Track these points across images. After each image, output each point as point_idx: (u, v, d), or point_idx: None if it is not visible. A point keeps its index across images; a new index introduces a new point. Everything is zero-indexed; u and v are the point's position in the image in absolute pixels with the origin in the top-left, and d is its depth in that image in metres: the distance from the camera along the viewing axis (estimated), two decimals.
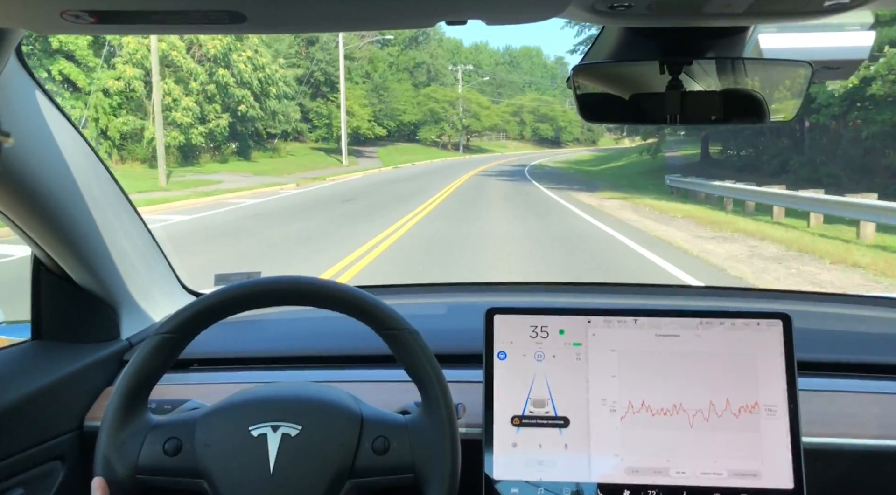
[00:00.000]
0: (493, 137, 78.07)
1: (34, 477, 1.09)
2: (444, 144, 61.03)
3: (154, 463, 0.90)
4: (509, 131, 74.74)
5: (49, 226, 1.13)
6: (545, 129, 77.93)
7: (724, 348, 1.06)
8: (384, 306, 0.92)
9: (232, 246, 9.65)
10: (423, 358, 0.91)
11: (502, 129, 71.88)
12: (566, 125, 78.22)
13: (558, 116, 77.50)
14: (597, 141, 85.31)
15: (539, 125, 77.33)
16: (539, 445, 1.04)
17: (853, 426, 1.10)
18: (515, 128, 74.88)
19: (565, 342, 1.07)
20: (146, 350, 0.92)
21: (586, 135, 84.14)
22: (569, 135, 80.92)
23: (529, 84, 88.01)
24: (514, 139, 77.89)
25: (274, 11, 0.67)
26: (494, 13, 0.70)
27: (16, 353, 1.20)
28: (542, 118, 77.57)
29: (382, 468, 0.89)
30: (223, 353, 1.34)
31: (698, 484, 1.01)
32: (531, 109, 75.36)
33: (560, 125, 78.26)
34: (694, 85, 0.96)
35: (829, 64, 0.97)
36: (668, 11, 0.74)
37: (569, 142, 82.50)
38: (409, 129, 57.49)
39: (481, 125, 64.75)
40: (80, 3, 0.63)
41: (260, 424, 0.90)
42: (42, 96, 1.07)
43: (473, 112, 62.14)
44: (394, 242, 9.61)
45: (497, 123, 67.14)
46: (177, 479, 0.90)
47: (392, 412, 1.01)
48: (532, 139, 78.70)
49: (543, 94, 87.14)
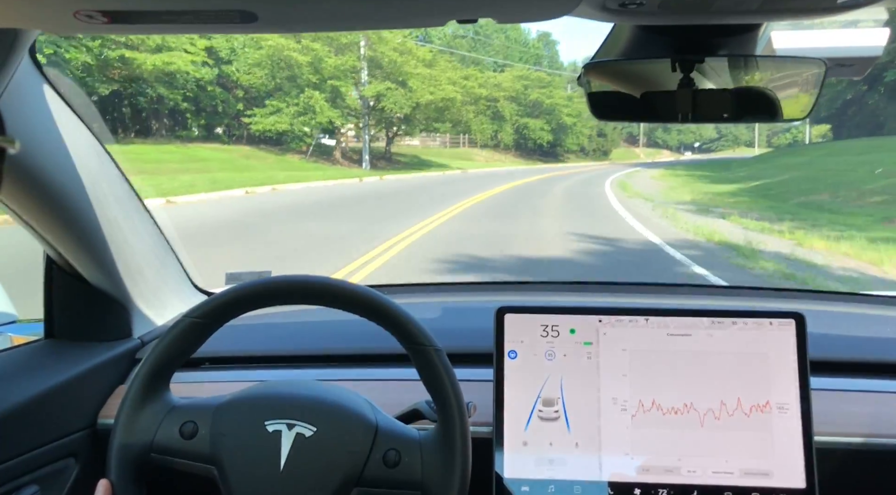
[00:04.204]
0: (449, 140, 46.23)
1: (48, 475, 1.10)
2: (333, 151, 30.73)
3: (169, 443, 0.91)
4: (476, 130, 40.15)
5: (61, 225, 1.14)
6: (537, 130, 46.74)
7: (735, 347, 1.05)
8: (414, 320, 0.93)
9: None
10: (445, 377, 0.91)
11: (463, 124, 36.15)
12: (572, 123, 49.28)
13: (559, 107, 47.45)
14: (609, 152, 59.98)
15: (528, 121, 46.08)
16: (549, 444, 1.04)
17: (866, 425, 1.10)
18: (487, 127, 41.47)
19: (576, 341, 1.07)
20: (175, 331, 0.93)
21: (596, 143, 57.52)
22: (573, 140, 52.27)
23: (502, 68, 52.08)
24: (486, 145, 46.75)
25: (285, 11, 0.67)
26: (505, 11, 0.70)
27: (29, 352, 1.21)
28: (532, 109, 46.55)
29: (391, 481, 0.89)
30: (233, 352, 1.35)
31: (709, 483, 1.01)
32: (514, 93, 44.34)
33: (562, 122, 48.56)
34: (706, 82, 0.95)
35: (842, 61, 0.96)
36: (680, 9, 0.73)
37: (569, 154, 52.82)
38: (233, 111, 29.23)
39: (423, 113, 31.13)
40: (93, 4, 0.64)
41: (276, 420, 0.91)
42: (55, 96, 1.08)
43: (397, 74, 29.59)
44: None
45: (451, 110, 32.35)
46: (188, 462, 0.91)
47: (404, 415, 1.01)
48: (516, 146, 48.97)
49: (533, 68, 53.67)
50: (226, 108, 29.26)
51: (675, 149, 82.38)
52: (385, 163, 32.24)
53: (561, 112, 48.12)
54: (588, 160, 53.40)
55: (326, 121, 28.12)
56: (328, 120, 28.10)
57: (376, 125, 32.55)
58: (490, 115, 42.02)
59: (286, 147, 28.77)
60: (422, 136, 43.46)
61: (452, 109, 32.88)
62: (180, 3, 0.64)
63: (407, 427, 0.95)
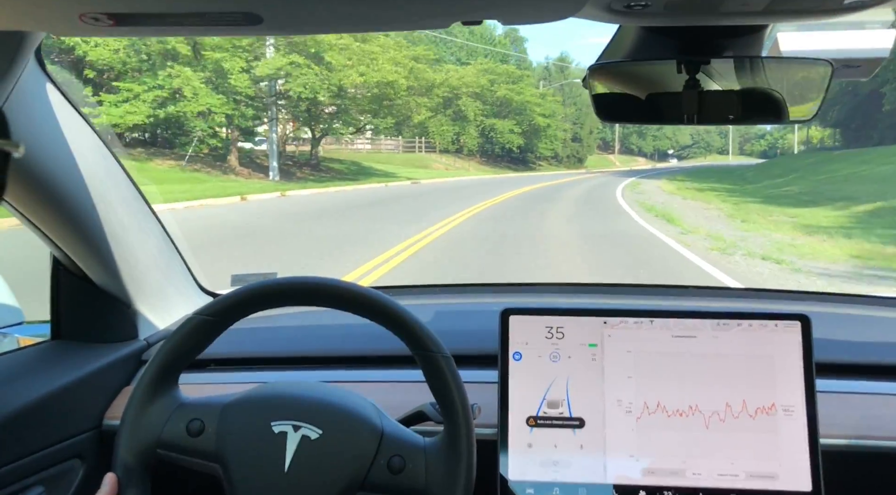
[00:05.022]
0: (402, 145, 38.92)
1: (54, 476, 1.10)
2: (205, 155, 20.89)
3: (175, 440, 0.91)
4: (434, 132, 34.64)
5: (68, 226, 1.14)
6: (506, 132, 39.75)
7: (740, 349, 1.05)
8: (423, 326, 0.93)
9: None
10: (452, 385, 0.91)
11: (412, 122, 29.00)
12: (545, 125, 42.55)
13: (531, 106, 40.86)
14: (584, 159, 54.65)
15: (495, 122, 39.31)
16: (554, 446, 1.03)
17: (872, 428, 1.09)
18: (447, 129, 35.58)
19: (581, 343, 1.06)
20: (185, 328, 0.94)
21: (571, 148, 51.33)
22: (546, 145, 45.07)
23: (466, 65, 43.42)
24: (447, 151, 39.89)
25: (289, 13, 0.68)
26: (511, 13, 0.70)
27: (35, 353, 1.22)
28: (500, 108, 39.70)
29: (394, 487, 0.89)
30: (239, 354, 1.35)
31: (715, 485, 1.00)
32: (478, 89, 37.00)
33: (534, 123, 41.38)
34: (712, 84, 0.95)
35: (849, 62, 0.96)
36: (686, 10, 0.73)
37: (541, 161, 47.39)
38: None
39: (352, 103, 23.76)
40: (98, 6, 0.64)
41: (282, 421, 0.91)
42: (60, 98, 1.08)
43: (310, 45, 20.79)
44: None
45: (393, 100, 23.77)
46: (194, 460, 0.91)
47: (409, 417, 1.01)
48: (482, 151, 42.07)
49: (500, 63, 45.73)
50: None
51: (650, 156, 79.47)
52: (309, 171, 23.47)
53: (533, 111, 41.16)
54: (562, 168, 47.63)
55: (205, 109, 19.48)
56: (206, 108, 19.46)
57: (298, 120, 23.88)
58: (451, 115, 35.30)
59: (158, 150, 20.93)
60: (380, 140, 36.60)
61: (395, 99, 23.24)
62: (185, 5, 0.64)
63: (412, 433, 0.95)
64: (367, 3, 0.65)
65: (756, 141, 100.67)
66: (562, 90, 55.30)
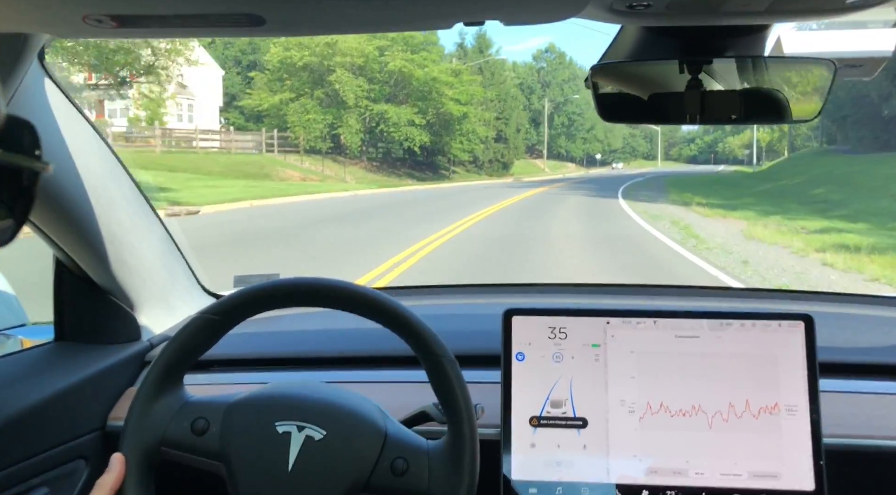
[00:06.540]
0: (267, 142, 25.18)
1: (58, 477, 1.10)
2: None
3: (179, 438, 0.91)
4: (293, 123, 26.43)
5: (71, 228, 1.14)
6: (404, 124, 28.77)
7: (744, 349, 1.05)
8: (428, 329, 0.92)
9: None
10: (457, 389, 0.91)
11: (330, 126, 24.04)
12: (461, 115, 31.39)
13: (440, 86, 29.91)
14: (510, 165, 43.82)
15: (387, 109, 28.65)
16: (557, 446, 1.03)
17: (876, 428, 1.09)
18: (314, 118, 26.39)
19: (584, 343, 1.06)
20: (190, 327, 0.94)
21: (494, 150, 40.08)
22: (461, 145, 33.83)
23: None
24: (314, 150, 27.95)
25: (292, 14, 0.68)
26: (512, 14, 0.70)
27: (39, 354, 1.22)
28: (394, 88, 29.38)
29: (396, 489, 0.89)
30: (242, 355, 1.35)
31: (718, 485, 1.00)
32: (361, 60, 27.41)
33: (445, 112, 30.21)
34: (714, 84, 0.95)
35: (851, 62, 0.96)
36: (688, 10, 0.73)
37: (457, 167, 36.48)
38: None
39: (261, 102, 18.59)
40: (102, 8, 0.64)
41: (287, 422, 0.91)
42: (64, 100, 1.08)
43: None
44: None
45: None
46: (198, 458, 0.91)
47: (412, 418, 1.01)
48: (370, 151, 31.84)
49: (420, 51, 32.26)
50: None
51: (579, 161, 73.78)
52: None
53: (443, 95, 29.14)
54: (483, 175, 36.94)
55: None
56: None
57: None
58: (319, 99, 24.89)
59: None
60: (221, 135, 24.42)
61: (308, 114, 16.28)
62: (188, 7, 0.64)
63: (416, 436, 0.94)
64: (369, 5, 0.65)
65: (684, 145, 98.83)
66: (481, 72, 40.18)
